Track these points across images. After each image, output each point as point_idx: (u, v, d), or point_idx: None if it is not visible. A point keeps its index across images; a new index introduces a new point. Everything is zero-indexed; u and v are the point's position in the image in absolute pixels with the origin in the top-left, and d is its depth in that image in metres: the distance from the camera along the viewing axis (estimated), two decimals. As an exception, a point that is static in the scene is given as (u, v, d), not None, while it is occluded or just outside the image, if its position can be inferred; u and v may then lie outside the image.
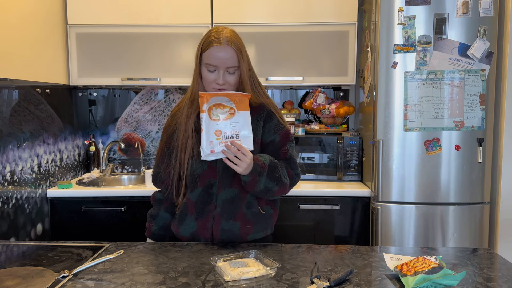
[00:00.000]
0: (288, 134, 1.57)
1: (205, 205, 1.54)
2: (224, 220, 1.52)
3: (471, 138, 2.33)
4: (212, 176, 1.53)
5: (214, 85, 1.48)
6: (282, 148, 1.55)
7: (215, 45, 1.45)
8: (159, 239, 1.66)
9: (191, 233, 1.56)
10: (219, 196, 1.53)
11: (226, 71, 1.47)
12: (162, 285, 1.18)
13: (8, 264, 1.37)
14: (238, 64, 1.48)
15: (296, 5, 2.68)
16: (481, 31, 2.28)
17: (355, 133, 2.71)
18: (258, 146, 1.54)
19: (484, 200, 2.38)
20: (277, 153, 1.55)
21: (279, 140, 1.55)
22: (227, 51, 1.45)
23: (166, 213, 1.66)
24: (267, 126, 1.55)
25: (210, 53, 1.46)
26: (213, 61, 1.46)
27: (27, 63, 2.28)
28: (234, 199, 1.52)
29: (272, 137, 1.55)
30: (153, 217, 1.67)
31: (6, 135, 2.10)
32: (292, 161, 1.57)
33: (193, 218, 1.55)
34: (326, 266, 1.32)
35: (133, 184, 2.97)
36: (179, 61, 2.74)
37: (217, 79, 1.47)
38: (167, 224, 1.65)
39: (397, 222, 2.37)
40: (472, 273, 1.27)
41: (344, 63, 2.71)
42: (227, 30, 1.49)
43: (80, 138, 3.01)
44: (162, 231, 1.66)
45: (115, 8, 2.68)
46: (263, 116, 1.55)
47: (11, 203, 2.14)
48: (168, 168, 1.60)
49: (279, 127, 1.56)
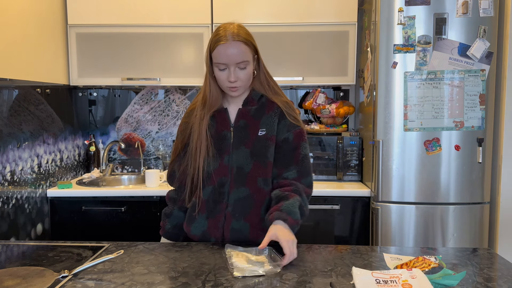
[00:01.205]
0: (302, 134, 1.55)
1: (217, 204, 1.53)
2: (235, 219, 1.52)
3: (471, 138, 2.33)
4: (224, 175, 1.52)
5: (227, 83, 1.48)
6: (296, 151, 1.53)
7: (221, 43, 1.44)
8: (173, 238, 1.65)
9: (202, 231, 1.55)
10: (231, 195, 1.52)
11: (236, 67, 1.46)
12: (162, 285, 1.18)
13: (8, 264, 1.37)
14: (248, 58, 1.47)
15: (296, 5, 2.68)
16: (481, 31, 2.28)
17: (355, 133, 2.71)
18: (273, 142, 1.53)
19: (484, 200, 2.38)
20: (291, 155, 1.53)
21: (293, 139, 1.53)
22: (234, 46, 1.44)
23: (180, 212, 1.64)
24: (281, 123, 1.54)
25: (218, 52, 1.45)
26: (221, 59, 1.45)
27: (27, 63, 2.28)
28: (246, 198, 1.51)
29: (286, 134, 1.53)
30: (167, 215, 1.66)
31: (6, 135, 2.10)
32: (304, 168, 1.53)
33: (204, 217, 1.54)
34: (326, 266, 1.32)
35: (133, 184, 2.97)
36: (179, 61, 2.74)
37: (229, 76, 1.46)
38: (180, 223, 1.63)
39: (397, 222, 2.37)
40: (472, 273, 1.27)
41: (344, 63, 2.71)
42: (233, 26, 1.47)
43: (80, 138, 3.01)
44: (176, 230, 1.64)
45: (115, 8, 2.68)
46: (278, 113, 1.54)
47: (11, 203, 2.14)
48: (183, 167, 1.59)
49: (294, 126, 1.54)
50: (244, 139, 1.52)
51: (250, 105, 1.55)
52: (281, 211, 1.41)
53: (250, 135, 1.52)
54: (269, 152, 1.52)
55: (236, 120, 1.54)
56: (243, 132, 1.53)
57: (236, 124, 1.54)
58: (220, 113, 1.55)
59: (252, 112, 1.54)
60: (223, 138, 1.53)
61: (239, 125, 1.53)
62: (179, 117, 3.12)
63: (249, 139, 1.52)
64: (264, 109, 1.55)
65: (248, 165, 1.51)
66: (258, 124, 1.53)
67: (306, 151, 1.55)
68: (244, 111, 1.55)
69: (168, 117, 3.12)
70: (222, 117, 1.55)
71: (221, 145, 1.53)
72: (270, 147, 1.52)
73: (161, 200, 2.51)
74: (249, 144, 1.52)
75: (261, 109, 1.55)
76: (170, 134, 3.13)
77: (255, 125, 1.53)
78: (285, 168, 1.53)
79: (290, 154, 1.53)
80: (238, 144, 1.52)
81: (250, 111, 1.54)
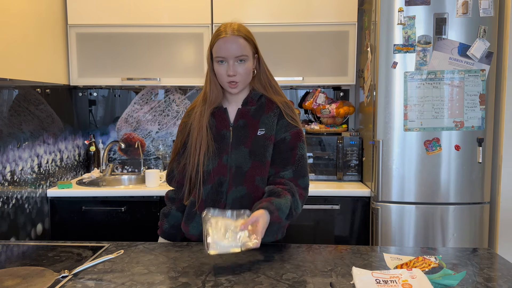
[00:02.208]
0: (299, 134, 1.55)
1: (215, 203, 1.53)
2: None
3: (471, 138, 2.33)
4: (223, 174, 1.52)
5: (226, 78, 1.48)
6: (293, 151, 1.53)
7: (221, 37, 1.46)
8: (171, 238, 1.65)
9: (201, 231, 1.54)
10: (229, 194, 1.52)
11: (235, 61, 1.47)
12: (162, 285, 1.18)
13: (8, 264, 1.37)
14: (247, 53, 1.48)
15: (296, 5, 2.68)
16: (481, 31, 2.28)
17: (355, 133, 2.71)
18: (272, 142, 1.53)
19: (484, 200, 2.38)
20: (288, 156, 1.53)
21: (290, 140, 1.54)
22: (234, 40, 1.45)
23: (178, 212, 1.64)
24: (280, 123, 1.54)
25: (218, 45, 1.47)
26: (221, 53, 1.46)
27: (27, 63, 2.28)
28: (243, 197, 1.51)
29: (283, 134, 1.54)
30: (165, 215, 1.66)
31: (6, 135, 2.10)
32: (300, 168, 1.54)
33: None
34: (326, 266, 1.32)
35: (133, 184, 2.97)
36: (179, 61, 2.74)
37: (228, 70, 1.47)
38: (178, 223, 1.63)
39: (397, 222, 2.37)
40: (472, 273, 1.27)
41: (344, 63, 2.70)
42: (234, 24, 1.50)
43: (80, 138, 3.01)
44: (174, 230, 1.64)
45: (115, 8, 2.69)
46: (277, 113, 1.55)
47: (11, 203, 2.14)
48: (181, 165, 1.59)
49: (291, 126, 1.55)
50: (243, 139, 1.52)
51: (249, 105, 1.55)
52: (271, 203, 1.41)
53: (249, 134, 1.52)
54: (267, 151, 1.52)
55: (235, 119, 1.54)
56: (242, 132, 1.53)
57: (235, 124, 1.54)
58: (220, 112, 1.56)
59: (251, 112, 1.54)
60: (222, 137, 1.53)
61: (238, 125, 1.54)
62: (179, 117, 3.12)
63: (248, 139, 1.52)
64: (264, 109, 1.55)
65: (246, 164, 1.51)
66: (258, 124, 1.53)
67: (303, 152, 1.55)
68: (243, 111, 1.55)
69: (168, 117, 3.12)
70: (222, 117, 1.55)
71: (220, 144, 1.53)
72: (268, 147, 1.52)
73: (161, 200, 2.51)
74: (248, 143, 1.52)
75: (260, 109, 1.55)
76: (170, 134, 3.13)
77: (255, 125, 1.53)
78: (282, 168, 1.53)
79: (287, 154, 1.54)
80: (237, 143, 1.52)
81: (250, 111, 1.55)
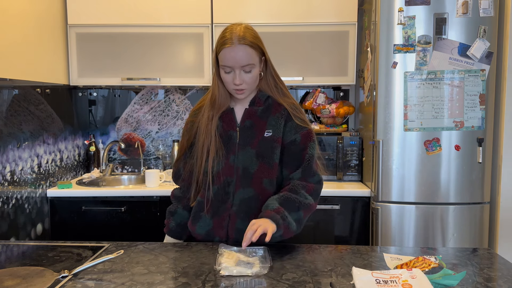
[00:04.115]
0: (309, 135, 1.55)
1: (221, 204, 1.53)
2: (239, 219, 1.51)
3: (471, 138, 2.33)
4: (230, 175, 1.52)
5: (233, 86, 1.48)
6: (304, 151, 1.53)
7: (227, 47, 1.43)
8: (177, 236, 1.66)
9: (207, 231, 1.55)
10: (236, 195, 1.52)
11: (242, 70, 1.46)
12: (162, 285, 1.18)
13: (8, 264, 1.37)
14: (254, 61, 1.46)
15: (296, 5, 2.68)
16: (481, 31, 2.28)
17: (355, 133, 2.71)
18: (279, 144, 1.52)
19: (484, 200, 2.38)
20: (299, 157, 1.52)
21: (301, 141, 1.53)
22: (239, 50, 1.43)
23: (184, 211, 1.65)
24: (288, 125, 1.54)
25: (224, 55, 1.45)
26: (227, 63, 1.45)
27: (27, 63, 2.27)
28: (251, 199, 1.51)
29: (293, 136, 1.53)
30: (172, 213, 1.67)
31: (6, 135, 2.10)
32: (309, 167, 1.52)
33: (209, 216, 1.55)
34: (326, 266, 1.32)
35: (133, 184, 2.97)
36: (179, 61, 2.74)
37: (234, 79, 1.46)
38: (184, 222, 1.64)
39: (397, 222, 2.37)
40: (472, 273, 1.27)
41: (344, 63, 2.71)
42: (240, 28, 1.46)
43: (80, 138, 3.01)
44: (179, 229, 1.65)
45: (115, 8, 2.68)
46: (284, 114, 1.54)
47: (11, 203, 2.14)
48: (189, 166, 1.60)
49: (301, 127, 1.54)
50: (250, 140, 1.52)
51: (257, 106, 1.55)
52: (281, 216, 1.40)
53: (256, 135, 1.52)
54: (275, 154, 1.52)
55: (242, 120, 1.54)
56: (249, 132, 1.53)
57: (242, 124, 1.54)
58: (227, 113, 1.55)
59: (258, 112, 1.54)
60: (229, 138, 1.53)
61: (245, 126, 1.53)
62: (179, 117, 3.12)
63: (254, 140, 1.52)
64: (271, 110, 1.55)
65: (253, 165, 1.51)
66: (265, 125, 1.53)
67: (313, 151, 1.54)
68: (250, 111, 1.54)
69: (168, 117, 3.12)
70: (229, 117, 1.55)
71: (227, 145, 1.53)
72: (276, 148, 1.52)
73: (161, 200, 2.51)
74: (255, 144, 1.51)
75: (267, 110, 1.55)
76: (170, 134, 3.13)
77: (262, 126, 1.53)
78: (295, 169, 1.53)
79: (298, 155, 1.53)
80: (243, 144, 1.52)
81: (257, 111, 1.54)
